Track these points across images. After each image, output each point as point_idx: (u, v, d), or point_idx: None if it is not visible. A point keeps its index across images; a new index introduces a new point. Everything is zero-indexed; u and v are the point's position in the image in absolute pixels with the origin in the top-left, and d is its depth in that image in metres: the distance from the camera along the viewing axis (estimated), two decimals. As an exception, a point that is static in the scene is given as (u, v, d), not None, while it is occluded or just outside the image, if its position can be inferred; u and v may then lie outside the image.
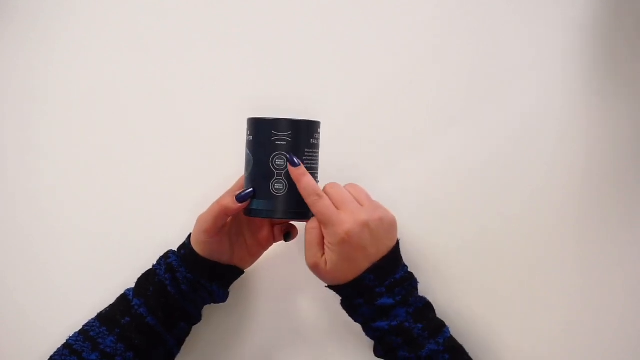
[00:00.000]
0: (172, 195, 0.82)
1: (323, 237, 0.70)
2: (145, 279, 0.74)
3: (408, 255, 0.83)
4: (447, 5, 0.83)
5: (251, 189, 0.70)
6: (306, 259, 0.71)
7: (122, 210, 0.83)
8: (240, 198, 0.70)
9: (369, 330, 0.72)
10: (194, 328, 0.77)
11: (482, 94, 0.83)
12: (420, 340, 0.71)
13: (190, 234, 0.74)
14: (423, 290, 0.82)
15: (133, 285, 0.75)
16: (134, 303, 0.72)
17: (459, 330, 0.82)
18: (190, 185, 0.79)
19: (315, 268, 0.71)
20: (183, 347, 0.77)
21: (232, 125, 0.76)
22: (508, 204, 0.83)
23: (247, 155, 0.71)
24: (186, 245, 0.73)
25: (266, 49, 0.84)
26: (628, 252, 0.83)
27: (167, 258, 0.74)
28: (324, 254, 0.70)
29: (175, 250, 0.75)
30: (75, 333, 0.72)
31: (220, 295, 0.75)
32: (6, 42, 0.83)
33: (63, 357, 0.70)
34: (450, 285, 0.83)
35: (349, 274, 0.71)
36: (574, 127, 0.83)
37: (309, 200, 0.69)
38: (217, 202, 0.71)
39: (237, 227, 0.76)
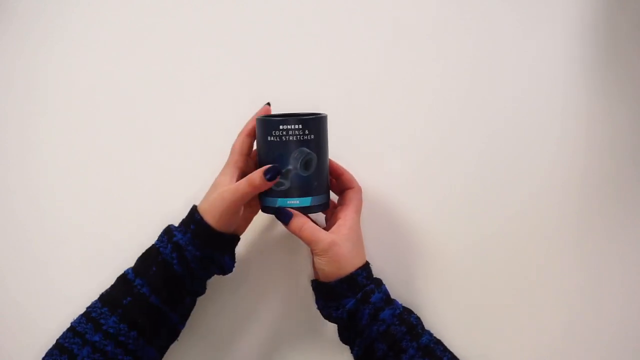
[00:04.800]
0: (173, 196, 0.82)
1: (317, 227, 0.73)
2: (147, 258, 0.73)
3: (407, 255, 0.84)
4: (447, 4, 0.83)
5: (277, 165, 0.71)
6: (318, 243, 0.71)
7: (123, 210, 0.83)
8: (270, 176, 0.70)
9: (372, 327, 0.72)
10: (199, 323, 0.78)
11: (482, 94, 0.83)
12: (418, 329, 0.73)
13: (194, 208, 0.73)
14: (423, 289, 0.83)
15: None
16: (135, 283, 0.71)
17: (458, 329, 0.82)
18: (192, 186, 0.78)
19: (333, 246, 0.71)
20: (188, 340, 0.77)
21: (232, 123, 0.76)
22: (507, 204, 0.83)
23: (302, 156, 0.71)
24: (197, 221, 0.72)
25: (265, 45, 0.84)
26: (628, 252, 0.83)
27: (171, 236, 0.72)
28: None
29: (177, 226, 0.74)
30: (79, 315, 0.71)
31: (231, 266, 0.76)
32: (6, 42, 0.83)
33: (67, 340, 0.69)
34: (449, 285, 0.83)
35: (359, 258, 0.74)
36: (575, 127, 0.83)
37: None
38: (248, 183, 0.70)
39: None
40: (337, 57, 0.83)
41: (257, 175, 0.70)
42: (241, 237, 0.76)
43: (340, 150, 0.79)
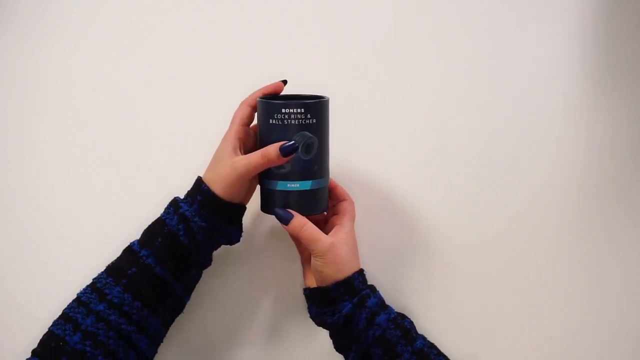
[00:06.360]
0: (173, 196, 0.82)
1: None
2: (152, 230, 0.73)
3: (403, 257, 0.84)
4: (447, 4, 0.82)
5: (294, 142, 0.70)
6: (318, 243, 0.71)
7: (123, 210, 0.83)
8: (286, 153, 0.70)
9: (368, 332, 0.72)
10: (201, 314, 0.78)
11: (482, 94, 0.83)
12: (412, 333, 0.74)
13: (200, 179, 0.73)
14: (420, 289, 0.83)
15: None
16: (141, 254, 0.71)
17: (458, 329, 0.82)
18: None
19: (333, 247, 0.72)
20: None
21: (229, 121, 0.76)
22: (507, 204, 0.83)
23: (303, 140, 0.71)
24: (204, 191, 0.72)
25: (264, 46, 0.84)
26: (628, 252, 0.83)
27: (177, 207, 0.72)
28: None
29: (183, 197, 0.74)
30: (85, 286, 0.72)
31: (238, 237, 0.76)
32: (6, 42, 0.83)
33: (72, 310, 0.70)
34: (448, 285, 0.83)
35: (356, 263, 0.75)
36: (575, 127, 0.83)
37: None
38: (262, 156, 0.70)
39: None
40: (336, 57, 0.83)
41: (272, 149, 0.70)
42: (237, 242, 0.77)
43: (339, 150, 0.79)
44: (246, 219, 0.81)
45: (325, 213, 0.77)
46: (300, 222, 0.72)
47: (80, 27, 0.84)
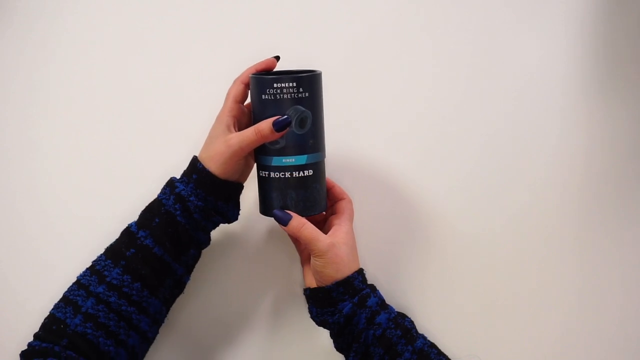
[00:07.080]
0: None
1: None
2: (149, 211, 0.73)
3: (407, 255, 0.84)
4: (448, 4, 0.82)
5: (287, 116, 0.70)
6: (317, 243, 0.71)
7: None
8: (279, 128, 0.70)
9: (369, 331, 0.72)
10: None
11: (481, 95, 0.83)
12: (413, 333, 0.74)
13: (195, 158, 0.73)
14: (420, 288, 0.83)
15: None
16: (139, 235, 0.71)
17: (458, 328, 0.82)
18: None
19: (332, 247, 0.72)
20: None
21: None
22: (508, 203, 0.83)
23: (297, 114, 0.71)
24: (200, 170, 0.72)
25: (261, 36, 0.83)
26: (628, 252, 0.83)
27: (173, 187, 0.72)
28: None
29: (179, 177, 0.74)
30: (85, 269, 0.72)
31: (235, 215, 0.76)
32: (7, 41, 0.83)
33: (72, 292, 0.70)
34: (448, 284, 0.83)
35: (355, 263, 0.74)
36: (575, 126, 0.83)
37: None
38: (256, 132, 0.70)
39: None
40: (336, 52, 0.83)
41: (265, 125, 0.70)
42: (237, 243, 0.76)
43: (338, 148, 0.79)
44: (246, 220, 0.81)
45: (324, 213, 0.77)
46: (299, 222, 0.72)
47: (80, 26, 0.84)
